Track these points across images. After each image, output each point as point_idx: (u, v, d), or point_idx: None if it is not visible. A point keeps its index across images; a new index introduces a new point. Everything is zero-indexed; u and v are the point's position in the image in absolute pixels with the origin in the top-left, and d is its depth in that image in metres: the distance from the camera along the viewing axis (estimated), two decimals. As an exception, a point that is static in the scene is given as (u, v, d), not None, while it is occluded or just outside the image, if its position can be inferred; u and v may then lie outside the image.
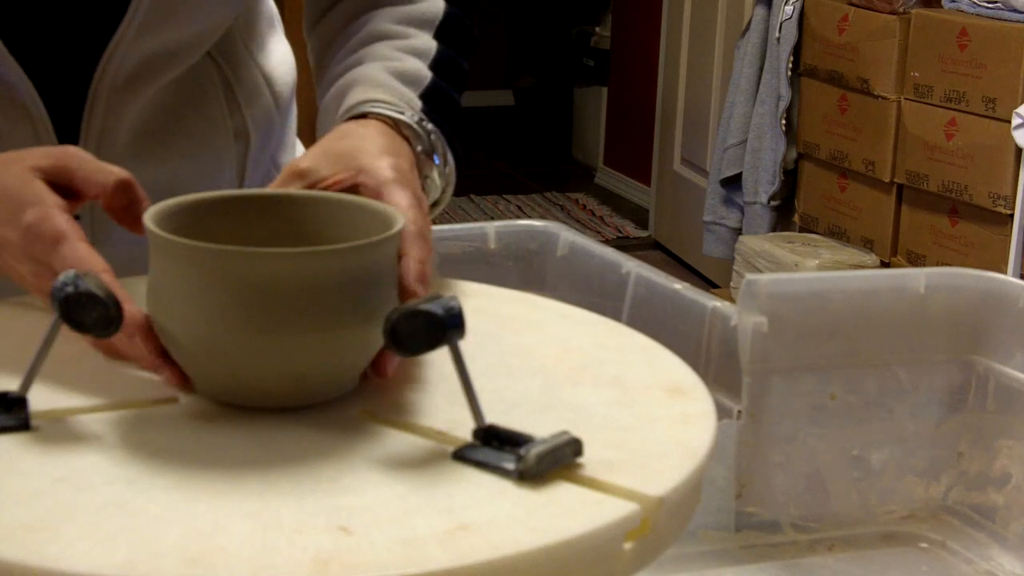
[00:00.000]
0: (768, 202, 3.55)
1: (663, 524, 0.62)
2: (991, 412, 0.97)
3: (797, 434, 0.96)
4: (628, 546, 0.60)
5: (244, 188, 1.09)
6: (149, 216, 0.69)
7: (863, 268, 3.06)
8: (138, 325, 0.69)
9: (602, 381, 0.74)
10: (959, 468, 0.99)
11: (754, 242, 3.36)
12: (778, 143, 3.49)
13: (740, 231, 3.63)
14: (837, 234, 3.37)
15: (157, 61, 0.99)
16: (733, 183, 3.67)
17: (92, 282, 0.65)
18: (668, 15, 4.45)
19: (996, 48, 2.85)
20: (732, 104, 3.66)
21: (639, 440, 0.67)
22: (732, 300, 0.95)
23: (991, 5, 2.90)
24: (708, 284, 3.94)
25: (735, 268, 3.43)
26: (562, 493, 0.61)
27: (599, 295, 1.00)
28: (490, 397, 0.66)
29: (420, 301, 0.64)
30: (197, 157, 1.05)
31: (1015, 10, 2.84)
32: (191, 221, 0.71)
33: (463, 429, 0.65)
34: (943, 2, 3.06)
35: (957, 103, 2.96)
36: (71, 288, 0.64)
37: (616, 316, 0.94)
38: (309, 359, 0.67)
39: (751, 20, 3.61)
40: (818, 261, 3.15)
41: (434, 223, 0.88)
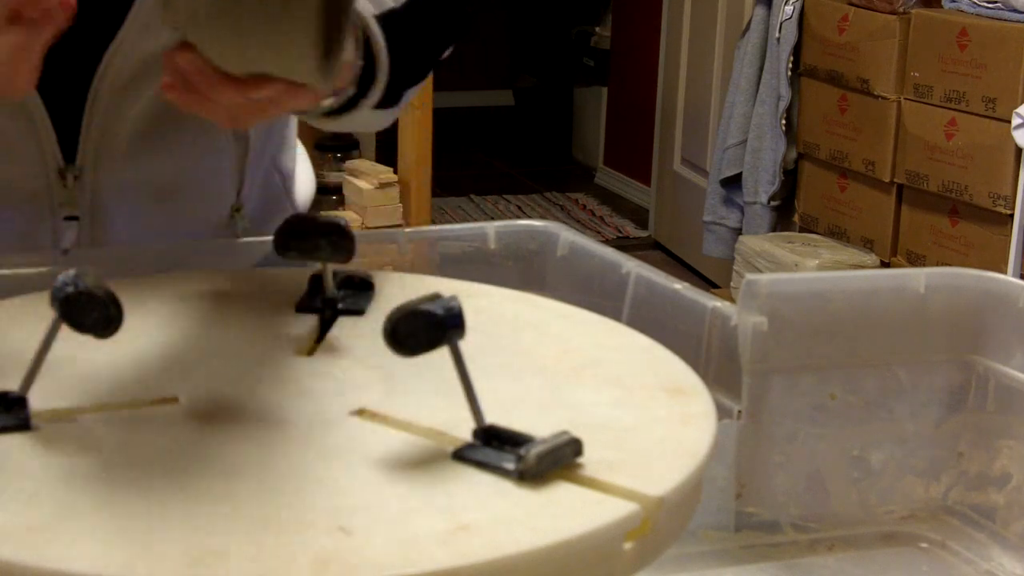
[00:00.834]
0: (768, 202, 3.55)
1: (663, 524, 0.62)
2: (991, 412, 0.97)
3: (797, 434, 0.96)
4: (628, 546, 0.60)
5: (244, 191, 1.09)
6: None
7: (863, 268, 3.06)
8: None
9: (602, 381, 0.74)
10: (959, 468, 0.99)
11: (754, 242, 3.36)
12: (778, 143, 3.49)
13: (740, 231, 3.63)
14: (837, 234, 3.37)
15: (158, 62, 0.99)
16: (733, 183, 3.67)
17: (92, 282, 0.65)
18: (668, 15, 4.45)
19: (996, 48, 2.85)
20: (732, 104, 3.66)
21: (639, 440, 0.67)
22: (732, 300, 0.95)
23: (991, 5, 2.90)
24: (708, 284, 3.94)
25: (735, 268, 3.43)
26: (562, 493, 0.61)
27: (599, 295, 1.00)
28: (490, 397, 0.66)
29: (420, 301, 0.64)
30: (197, 158, 1.05)
31: (1015, 10, 2.84)
32: None
33: (463, 429, 0.65)
34: (943, 2, 3.06)
35: (957, 103, 2.96)
36: (71, 288, 0.64)
37: (616, 316, 0.94)
38: None
39: (751, 20, 3.61)
40: (818, 261, 3.15)
41: (435, 221, 0.87)
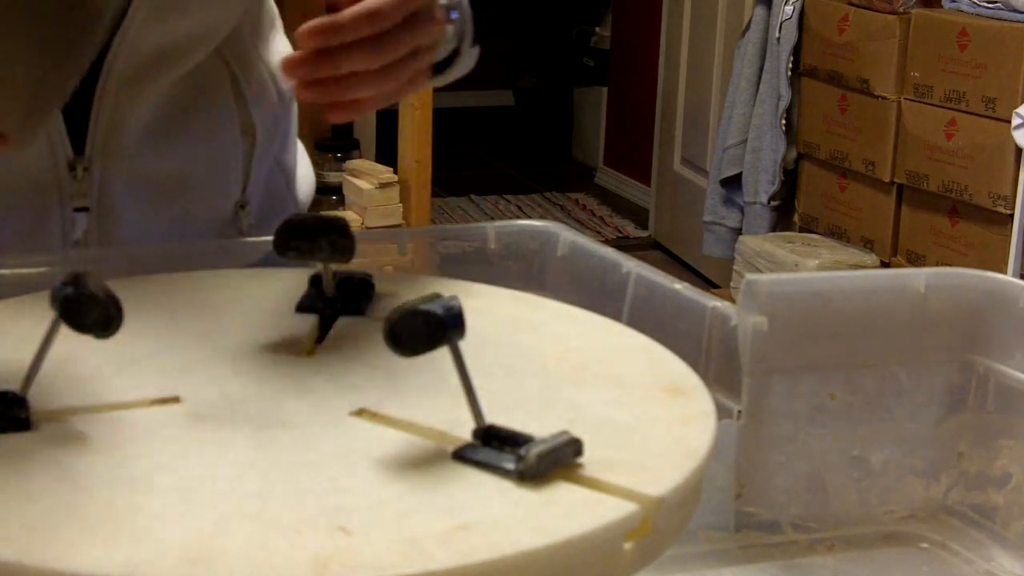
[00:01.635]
0: (768, 202, 3.55)
1: (663, 524, 0.62)
2: (991, 412, 0.97)
3: (797, 434, 0.96)
4: (628, 546, 0.60)
5: (249, 187, 1.10)
6: None
7: (863, 268, 3.06)
8: None
9: (602, 381, 0.74)
10: (959, 468, 0.99)
11: (754, 242, 3.36)
12: (778, 143, 3.49)
13: (740, 231, 3.63)
14: (837, 234, 3.37)
15: (165, 55, 0.99)
16: (733, 183, 3.67)
17: (92, 282, 0.65)
18: (668, 15, 4.45)
19: (996, 48, 2.85)
20: (732, 104, 3.66)
21: (639, 440, 0.67)
22: (732, 300, 0.95)
23: (991, 5, 2.90)
24: (708, 284, 3.94)
25: (735, 268, 3.43)
26: (562, 493, 0.61)
27: (599, 295, 1.00)
28: (490, 397, 0.66)
29: (420, 301, 0.64)
30: (205, 153, 1.06)
31: (1015, 10, 2.84)
32: None
33: (463, 429, 0.65)
34: (943, 2, 3.06)
35: (957, 103, 2.96)
36: (71, 288, 0.64)
37: (616, 316, 0.94)
38: None
39: (751, 20, 3.61)
40: (818, 261, 3.15)
41: (434, 221, 0.87)
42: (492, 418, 0.65)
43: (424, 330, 0.63)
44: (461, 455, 0.64)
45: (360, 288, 0.85)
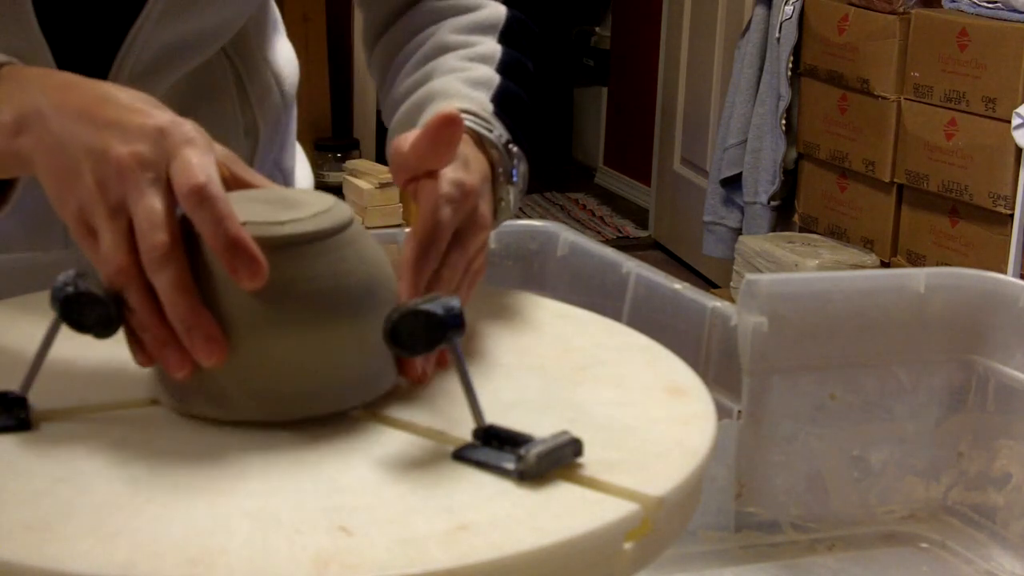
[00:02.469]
0: (768, 202, 3.55)
1: (663, 524, 0.62)
2: (991, 412, 0.97)
3: (797, 434, 0.96)
4: (628, 546, 0.60)
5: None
6: None
7: (863, 268, 3.06)
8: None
9: (602, 381, 0.74)
10: (959, 468, 0.99)
11: (754, 242, 3.36)
12: (778, 143, 3.49)
13: (740, 231, 3.63)
14: (837, 234, 3.37)
15: (175, 52, 1.00)
16: (733, 183, 3.67)
17: (92, 282, 0.65)
18: (668, 15, 4.45)
19: (996, 48, 2.85)
20: (732, 104, 3.66)
21: (639, 440, 0.67)
22: (732, 300, 0.95)
23: (991, 5, 2.90)
24: (708, 284, 3.94)
25: (735, 268, 3.43)
26: (562, 493, 0.61)
27: (599, 295, 1.00)
28: (490, 397, 0.66)
29: (420, 301, 0.64)
30: None
31: (1015, 10, 2.84)
32: None
33: (463, 429, 0.65)
34: (943, 2, 3.06)
35: (957, 103, 2.96)
36: (71, 288, 0.64)
37: (616, 316, 0.94)
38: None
39: (751, 20, 3.61)
40: (818, 261, 3.15)
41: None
42: (492, 418, 0.65)
43: (424, 330, 0.63)
44: (461, 455, 0.64)
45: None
